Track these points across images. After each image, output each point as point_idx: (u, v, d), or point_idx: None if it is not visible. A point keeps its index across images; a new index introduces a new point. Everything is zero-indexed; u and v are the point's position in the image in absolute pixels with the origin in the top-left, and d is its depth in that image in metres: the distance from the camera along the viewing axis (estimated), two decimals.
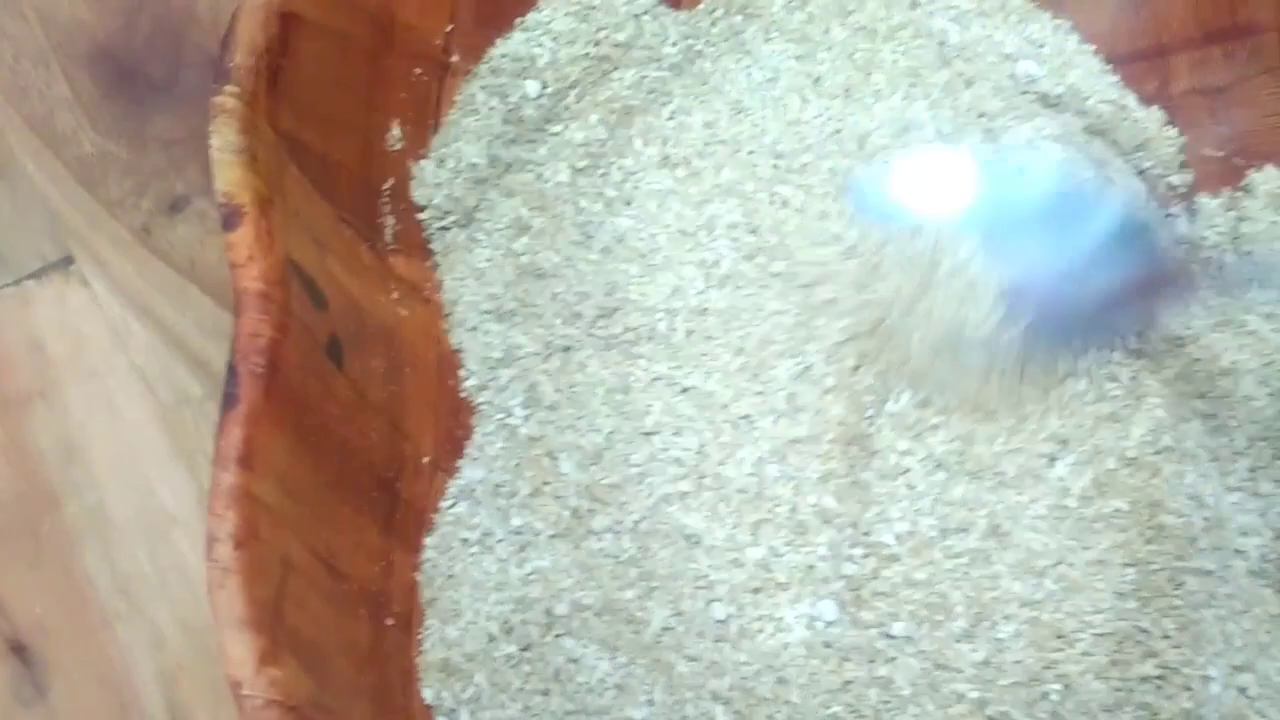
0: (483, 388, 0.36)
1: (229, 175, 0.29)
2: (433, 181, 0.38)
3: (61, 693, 0.34)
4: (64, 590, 0.35)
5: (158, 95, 0.42)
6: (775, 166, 0.37)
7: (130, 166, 0.41)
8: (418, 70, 0.38)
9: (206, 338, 0.38)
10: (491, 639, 0.31)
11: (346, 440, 0.31)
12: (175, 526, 0.36)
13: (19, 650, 0.35)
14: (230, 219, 0.29)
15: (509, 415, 0.35)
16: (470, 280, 0.37)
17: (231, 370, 0.28)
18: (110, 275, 0.39)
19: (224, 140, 0.30)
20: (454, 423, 0.35)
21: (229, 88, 0.30)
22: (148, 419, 0.37)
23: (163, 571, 0.36)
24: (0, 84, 0.42)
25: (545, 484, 0.34)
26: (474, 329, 0.37)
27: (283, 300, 0.29)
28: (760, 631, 0.31)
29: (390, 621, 0.31)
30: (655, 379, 0.35)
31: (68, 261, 0.40)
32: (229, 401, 0.27)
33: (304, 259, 0.31)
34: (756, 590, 0.31)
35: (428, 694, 0.31)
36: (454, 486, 0.34)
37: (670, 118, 0.39)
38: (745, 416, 0.34)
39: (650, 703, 0.30)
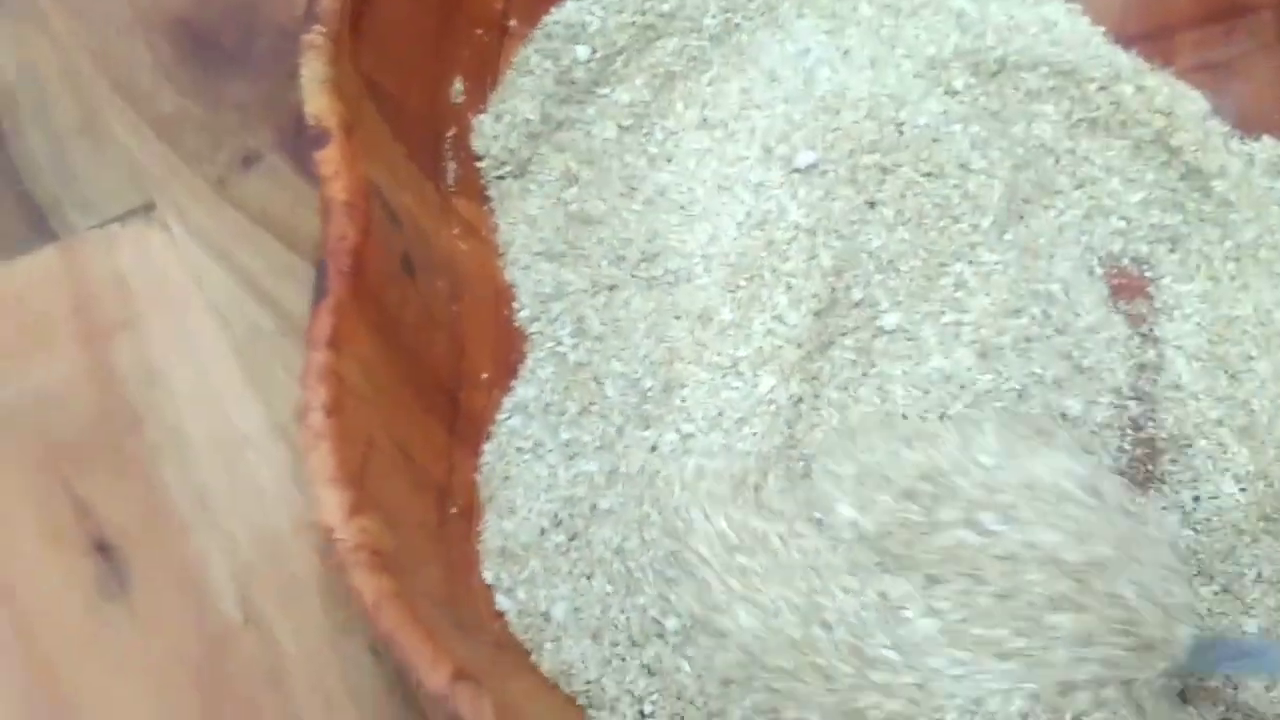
0: (535, 319, 0.39)
1: (318, 101, 0.32)
2: (490, 134, 0.41)
3: (142, 589, 0.37)
4: (145, 498, 0.38)
5: (232, 62, 0.45)
6: (804, 130, 0.40)
7: (206, 124, 0.44)
8: (479, 31, 0.41)
9: (276, 278, 0.41)
10: (542, 531, 0.34)
11: (416, 347, 0.34)
12: (247, 446, 0.39)
13: (104, 550, 0.37)
14: (319, 139, 0.32)
15: (559, 344, 0.38)
16: (523, 225, 0.40)
17: (321, 267, 0.30)
18: (188, 221, 0.42)
19: (313, 71, 0.33)
20: (509, 348, 0.38)
21: (317, 27, 0.34)
22: (222, 350, 0.40)
23: (235, 485, 0.38)
24: (90, 51, 0.45)
25: (591, 404, 0.37)
26: (527, 267, 0.39)
27: (365, 210, 0.32)
28: None
29: (454, 510, 0.33)
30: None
31: (149, 208, 0.43)
32: (319, 294, 0.30)
33: (381, 181, 0.34)
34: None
35: (488, 575, 0.33)
36: (509, 402, 0.37)
37: (709, 84, 0.42)
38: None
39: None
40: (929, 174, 0.38)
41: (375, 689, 0.36)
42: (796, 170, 0.38)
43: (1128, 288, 0.41)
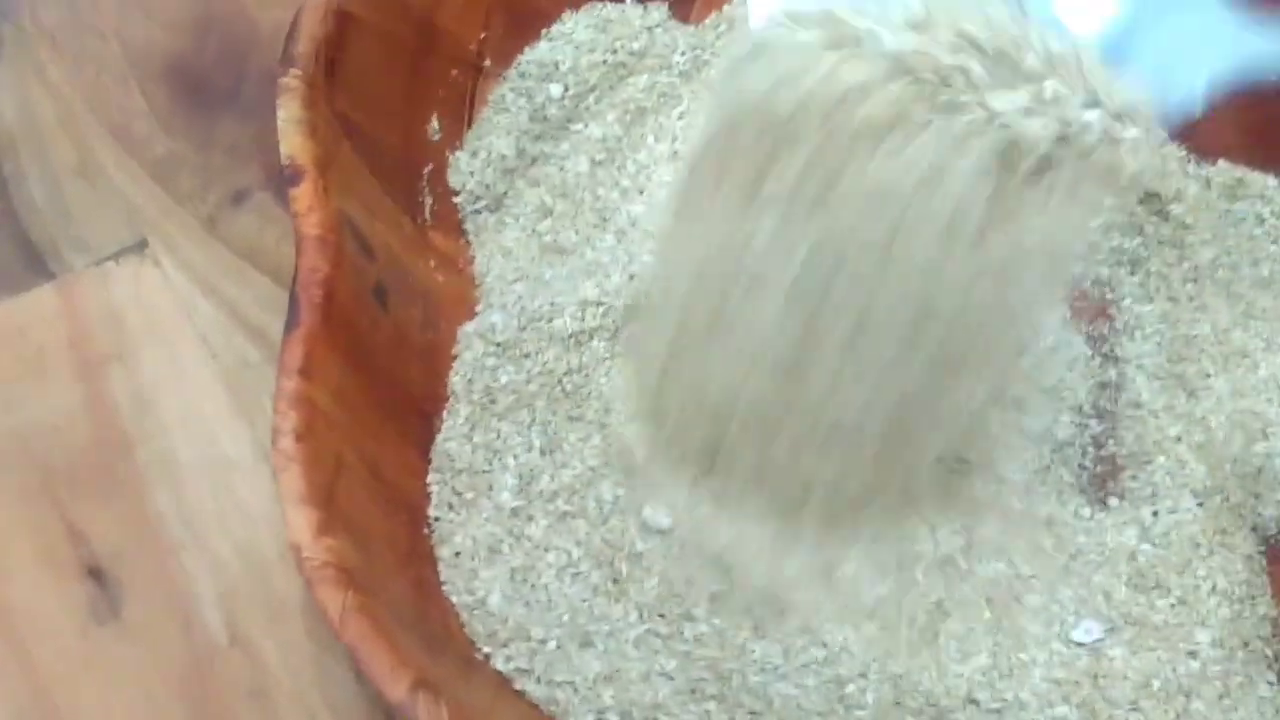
0: None
1: (293, 141, 0.34)
2: (467, 170, 0.42)
3: (133, 612, 0.38)
4: (136, 523, 0.39)
5: (223, 105, 0.47)
6: None
7: (198, 165, 0.46)
8: (454, 71, 0.43)
9: (264, 311, 0.43)
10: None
11: (391, 370, 0.35)
12: (235, 471, 0.40)
13: (96, 574, 0.39)
14: (293, 177, 0.34)
15: None
16: (499, 256, 0.42)
17: (294, 299, 0.32)
18: (180, 257, 0.44)
19: (289, 113, 0.35)
20: None
21: (293, 70, 0.35)
22: (212, 379, 0.42)
23: (223, 509, 0.40)
24: (84, 96, 0.47)
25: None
26: (503, 296, 0.41)
27: (337, 244, 0.33)
28: None
29: (426, 531, 0.35)
30: None
31: (142, 245, 0.44)
32: (291, 324, 0.32)
33: (355, 216, 0.35)
34: None
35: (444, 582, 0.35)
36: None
37: (679, 118, 0.44)
38: None
39: None
40: None
41: (357, 707, 0.37)
42: None
43: (1089, 309, 0.42)
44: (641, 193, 0.42)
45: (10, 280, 0.43)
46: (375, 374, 0.34)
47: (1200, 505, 0.38)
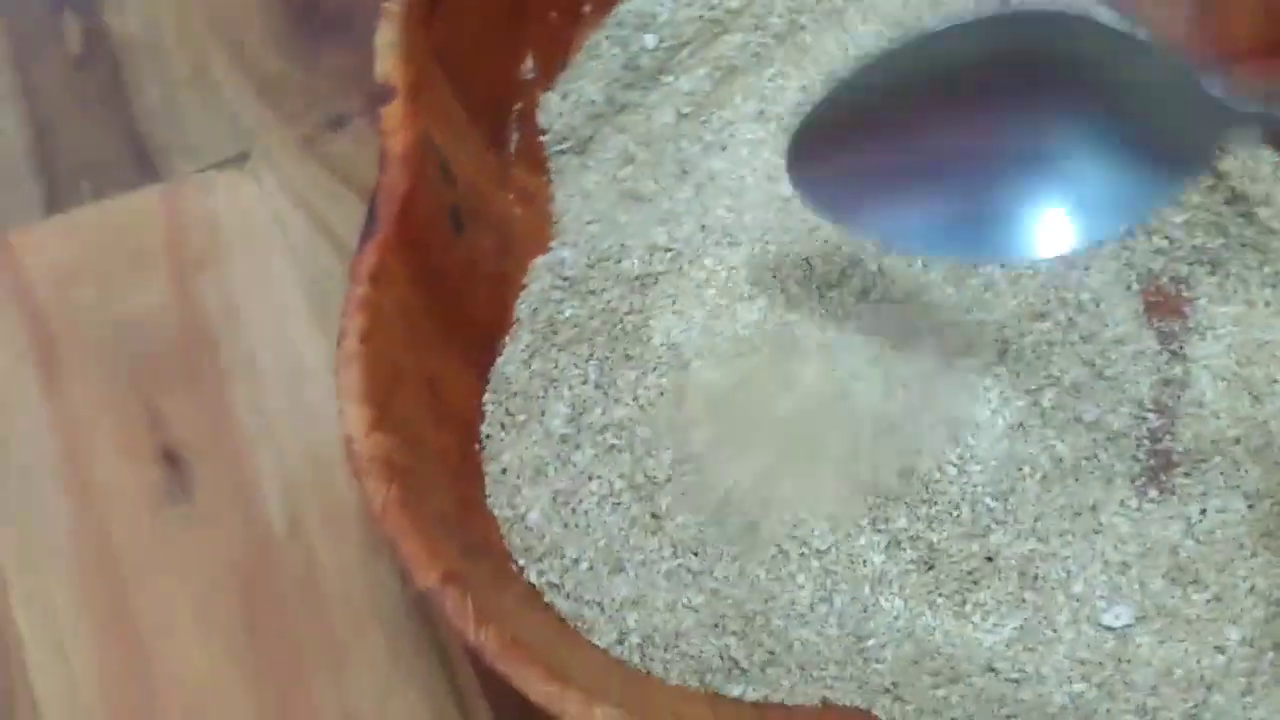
0: None
1: (387, 63, 0.36)
2: (556, 111, 0.44)
3: (202, 497, 0.40)
4: (213, 416, 0.41)
5: (334, 31, 0.49)
6: None
7: (304, 87, 0.48)
8: (553, 14, 0.44)
9: (351, 230, 0.44)
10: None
11: (459, 292, 0.37)
12: (309, 377, 0.42)
13: (172, 459, 0.41)
14: (384, 97, 0.35)
15: None
16: (578, 197, 0.43)
17: (372, 210, 0.34)
18: (278, 172, 0.46)
19: (386, 36, 0.36)
20: None
21: None
22: (296, 290, 0.44)
23: (295, 411, 0.42)
24: (203, 12, 0.50)
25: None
26: (577, 235, 0.42)
27: (419, 163, 0.35)
28: None
29: (477, 447, 0.36)
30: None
31: (244, 158, 0.47)
32: (366, 233, 0.33)
33: (440, 141, 0.37)
34: None
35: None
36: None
37: (770, 79, 0.44)
38: None
39: None
40: None
41: (398, 609, 0.39)
42: None
43: (1163, 305, 0.42)
44: (724, 149, 0.43)
45: (120, 179, 0.46)
46: (443, 293, 0.36)
47: (1250, 508, 0.38)
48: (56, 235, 0.45)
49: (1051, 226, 0.34)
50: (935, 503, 0.37)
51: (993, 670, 0.35)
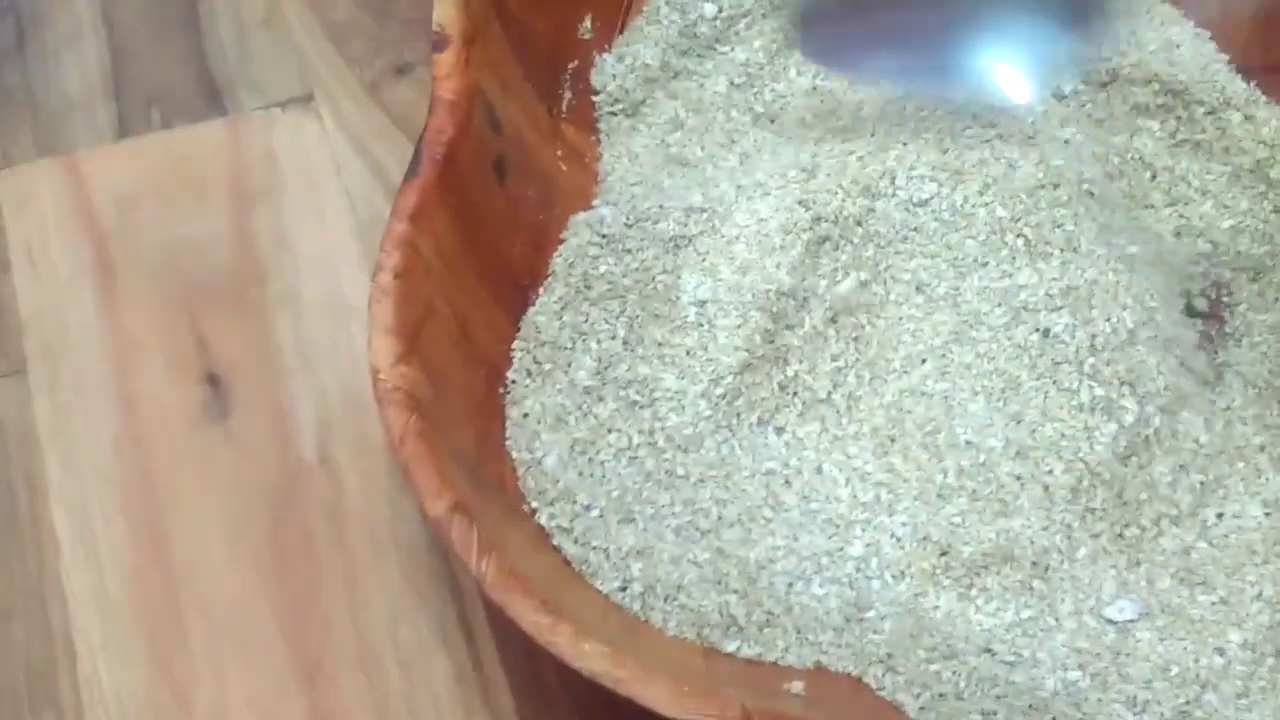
0: None
1: (445, 11, 0.37)
2: (610, 73, 0.44)
3: (240, 419, 0.42)
4: (257, 344, 0.43)
5: None
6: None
7: (372, 33, 0.49)
8: None
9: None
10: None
11: (497, 240, 0.38)
12: (352, 315, 0.43)
13: (214, 381, 0.43)
14: (439, 43, 0.36)
15: None
16: (625, 159, 0.44)
17: (417, 152, 0.35)
18: (339, 115, 0.47)
19: None
20: None
21: None
22: (347, 229, 0.45)
23: (335, 346, 0.43)
24: None
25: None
26: (619, 195, 0.43)
27: (466, 111, 0.36)
28: None
29: (502, 390, 0.38)
30: None
31: (308, 98, 0.48)
32: (410, 172, 0.34)
33: (491, 91, 0.38)
34: None
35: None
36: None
37: None
38: None
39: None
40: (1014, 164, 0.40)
41: (418, 543, 0.40)
42: None
43: (1203, 310, 0.42)
44: (773, 121, 0.44)
45: (188, 110, 0.48)
46: (480, 239, 0.37)
47: (1267, 515, 0.38)
48: (123, 159, 0.47)
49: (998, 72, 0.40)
50: (961, 485, 0.37)
51: (989, 651, 0.35)
